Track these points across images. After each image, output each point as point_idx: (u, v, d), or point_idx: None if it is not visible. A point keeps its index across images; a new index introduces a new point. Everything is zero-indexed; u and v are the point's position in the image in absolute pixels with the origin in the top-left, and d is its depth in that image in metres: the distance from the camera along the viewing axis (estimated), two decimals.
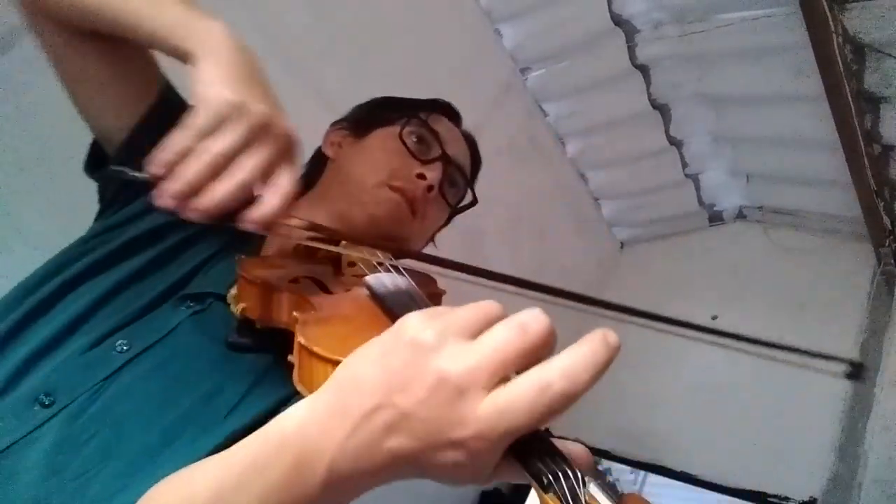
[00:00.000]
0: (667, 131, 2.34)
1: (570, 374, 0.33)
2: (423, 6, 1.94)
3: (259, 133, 0.50)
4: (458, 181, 0.89)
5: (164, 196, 0.49)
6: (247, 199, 0.50)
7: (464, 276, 0.61)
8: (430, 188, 0.80)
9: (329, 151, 0.88)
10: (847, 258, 2.22)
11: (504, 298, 0.43)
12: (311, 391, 0.42)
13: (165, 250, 0.72)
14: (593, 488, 0.34)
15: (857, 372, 0.70)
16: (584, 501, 0.33)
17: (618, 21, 2.07)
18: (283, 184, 0.51)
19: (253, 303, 0.63)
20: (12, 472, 0.54)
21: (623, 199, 2.76)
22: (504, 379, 0.34)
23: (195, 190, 0.48)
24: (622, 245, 2.96)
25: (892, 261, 2.07)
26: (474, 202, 0.94)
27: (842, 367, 0.70)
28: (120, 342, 0.62)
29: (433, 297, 0.76)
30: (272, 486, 0.37)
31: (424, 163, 0.81)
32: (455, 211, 0.93)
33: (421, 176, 0.79)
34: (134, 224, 0.74)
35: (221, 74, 0.51)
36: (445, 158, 0.83)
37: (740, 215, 2.62)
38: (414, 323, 0.36)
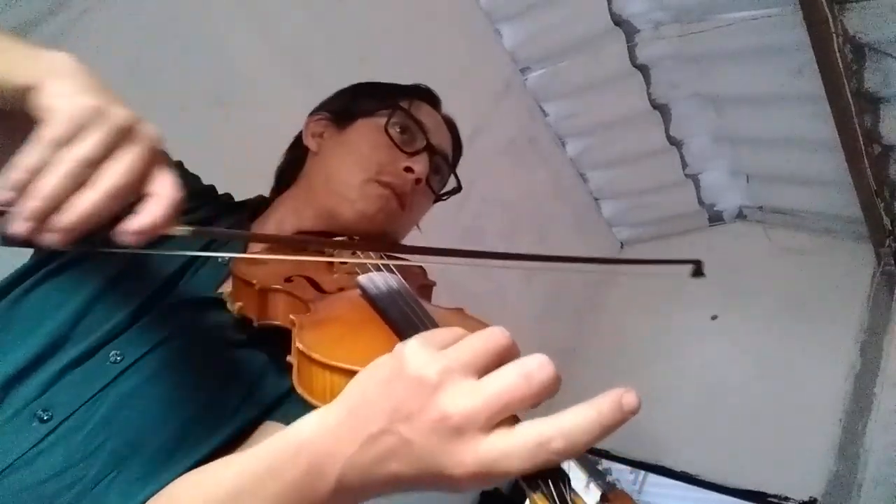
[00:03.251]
0: (667, 131, 2.34)
1: (570, 437, 0.34)
2: (423, 6, 1.94)
3: (125, 136, 0.43)
4: (442, 169, 0.89)
5: (18, 220, 0.40)
6: (120, 212, 0.42)
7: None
8: (418, 181, 0.80)
9: (311, 144, 0.87)
10: (847, 258, 2.22)
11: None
12: (309, 394, 0.46)
13: (130, 255, 0.71)
14: (579, 486, 0.35)
15: (698, 269, 0.77)
16: (569, 499, 0.35)
17: (618, 21, 2.07)
18: (166, 190, 0.43)
19: (249, 302, 0.64)
20: (22, 487, 0.54)
21: (623, 199, 2.76)
22: (504, 420, 0.36)
23: (55, 206, 0.40)
24: (622, 245, 2.96)
25: (892, 261, 2.07)
26: (458, 188, 0.93)
27: (688, 268, 0.78)
28: (113, 353, 0.62)
29: (423, 289, 0.77)
30: (287, 488, 0.40)
31: (411, 155, 0.81)
32: (438, 198, 0.93)
33: (408, 169, 0.79)
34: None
35: (74, 85, 0.43)
36: (431, 149, 0.83)
37: (740, 215, 2.62)
38: (419, 356, 0.37)
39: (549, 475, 0.36)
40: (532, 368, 0.36)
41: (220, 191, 0.91)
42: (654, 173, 2.52)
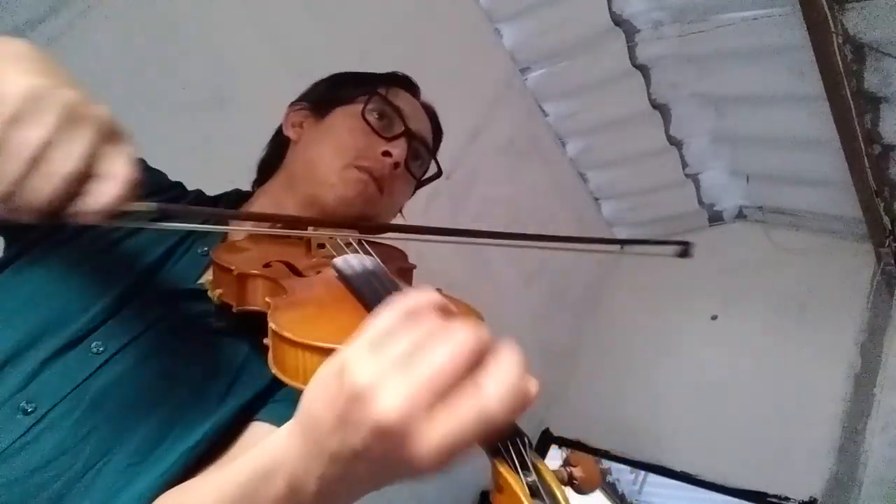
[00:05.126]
0: (667, 131, 2.34)
1: (508, 403, 0.34)
2: (423, 6, 1.94)
3: (75, 117, 0.43)
4: (421, 154, 0.89)
5: None
6: (79, 190, 0.44)
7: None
8: (396, 165, 0.80)
9: (291, 133, 0.88)
10: (847, 258, 2.22)
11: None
12: (283, 373, 0.47)
13: (109, 245, 0.71)
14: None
15: (685, 251, 0.74)
16: (530, 462, 0.35)
17: (618, 21, 2.07)
18: (119, 170, 0.44)
19: (229, 289, 0.65)
20: (10, 479, 0.54)
21: (623, 199, 2.76)
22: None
23: (18, 188, 0.42)
24: (622, 245, 2.96)
25: (892, 261, 2.07)
26: (439, 174, 0.94)
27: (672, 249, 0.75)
28: (95, 343, 0.62)
29: (403, 272, 0.77)
30: None
31: (388, 140, 0.81)
32: (420, 183, 0.93)
33: (386, 153, 0.80)
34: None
35: (17, 69, 0.44)
36: (409, 133, 0.84)
37: (740, 215, 2.62)
38: (353, 362, 0.37)
39: (508, 439, 0.36)
40: (454, 341, 0.36)
41: (219, 190, 0.91)
42: (654, 173, 2.52)
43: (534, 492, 0.34)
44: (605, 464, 2.97)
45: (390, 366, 0.36)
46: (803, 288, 2.27)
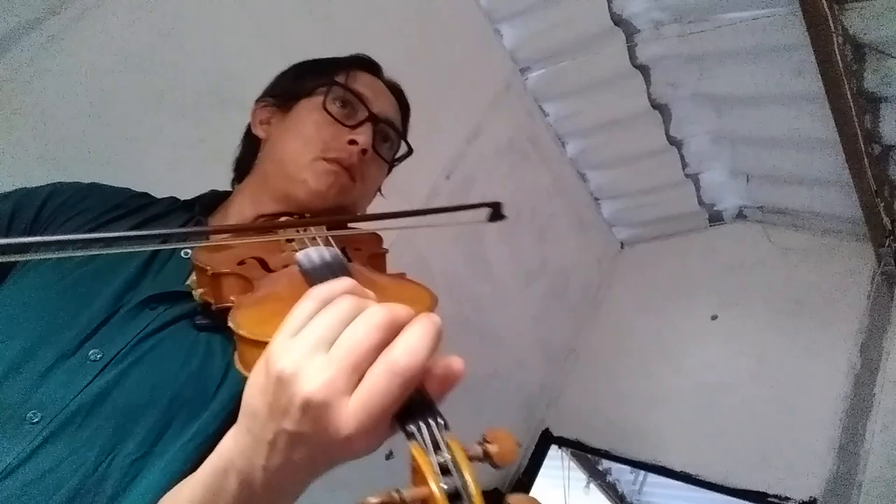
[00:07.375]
0: (667, 131, 2.34)
1: (412, 350, 0.38)
2: (423, 6, 1.94)
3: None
4: (390, 135, 0.89)
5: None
6: None
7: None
8: (363, 152, 0.81)
9: (259, 132, 0.89)
10: (847, 258, 2.22)
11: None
12: (246, 370, 0.49)
13: (87, 259, 0.72)
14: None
15: (497, 213, 0.74)
16: (443, 444, 0.37)
17: (618, 21, 2.07)
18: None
19: (207, 288, 0.66)
20: (24, 483, 0.55)
21: (623, 199, 2.77)
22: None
23: None
24: (622, 245, 2.97)
25: (892, 261, 2.07)
26: (410, 152, 0.94)
27: (485, 212, 0.75)
28: (92, 351, 0.63)
29: (374, 257, 0.79)
30: None
31: (353, 127, 0.82)
32: (392, 164, 0.93)
33: (352, 142, 0.80)
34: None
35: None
36: (373, 118, 0.84)
37: (740, 215, 2.63)
38: (275, 352, 0.41)
39: (422, 420, 0.38)
40: (367, 318, 0.40)
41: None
42: (654, 173, 2.52)
43: (445, 471, 0.35)
44: (606, 464, 2.98)
45: (309, 348, 0.40)
46: (803, 288, 2.27)
